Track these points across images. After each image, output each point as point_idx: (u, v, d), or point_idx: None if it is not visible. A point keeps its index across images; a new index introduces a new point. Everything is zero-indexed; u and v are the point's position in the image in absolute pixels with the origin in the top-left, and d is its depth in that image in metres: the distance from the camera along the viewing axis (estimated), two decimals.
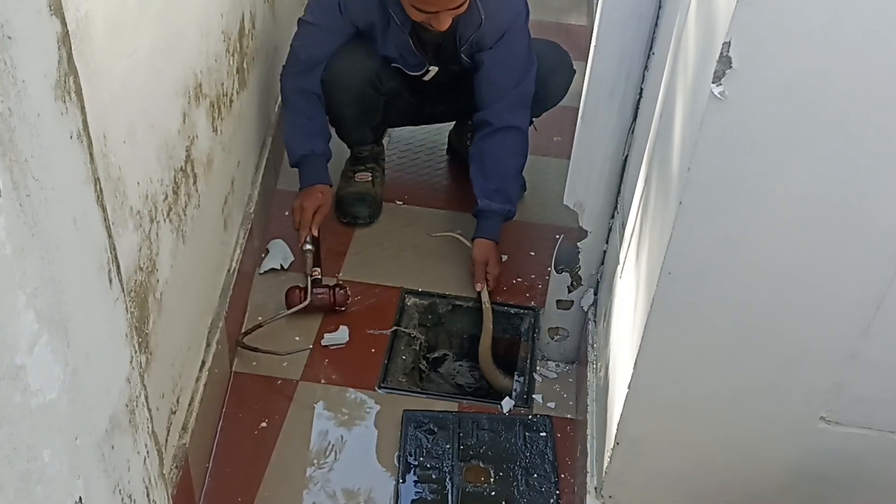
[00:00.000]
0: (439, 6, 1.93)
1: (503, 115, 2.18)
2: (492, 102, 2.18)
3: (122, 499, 0.97)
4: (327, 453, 1.82)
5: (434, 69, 2.21)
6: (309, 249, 2.15)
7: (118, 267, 0.94)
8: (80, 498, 0.84)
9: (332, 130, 2.36)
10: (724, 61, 0.95)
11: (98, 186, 0.86)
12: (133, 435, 1.00)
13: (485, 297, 2.13)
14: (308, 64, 2.21)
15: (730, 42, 0.94)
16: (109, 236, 0.90)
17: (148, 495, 1.06)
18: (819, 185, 1.04)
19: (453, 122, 2.60)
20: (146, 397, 1.05)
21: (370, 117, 2.33)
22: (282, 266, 2.22)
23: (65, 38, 0.77)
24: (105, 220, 0.89)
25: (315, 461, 1.80)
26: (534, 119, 2.35)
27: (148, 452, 1.06)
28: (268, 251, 2.25)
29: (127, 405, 0.98)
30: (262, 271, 2.20)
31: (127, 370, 0.98)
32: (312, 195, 2.22)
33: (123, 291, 0.96)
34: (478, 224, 2.24)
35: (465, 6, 1.98)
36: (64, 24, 0.77)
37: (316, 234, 2.19)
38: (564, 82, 2.32)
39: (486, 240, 2.21)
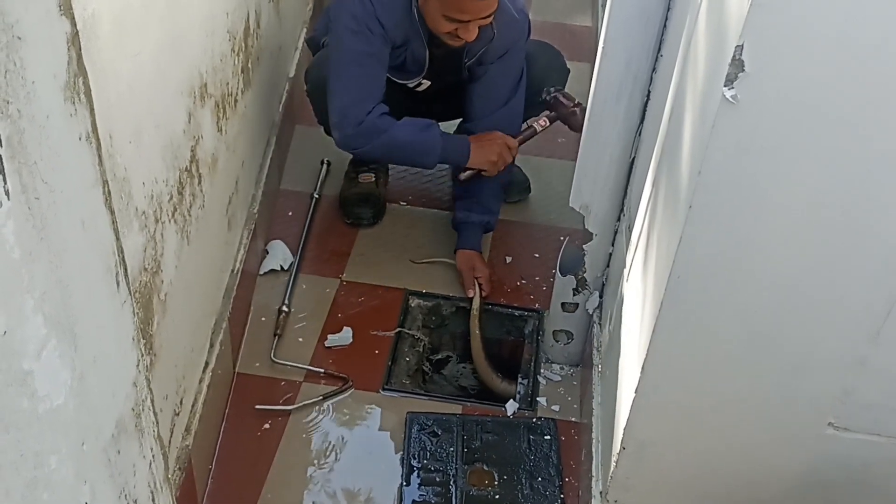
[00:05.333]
0: (473, 14, 1.90)
1: (491, 130, 2.16)
2: (482, 116, 2.17)
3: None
4: (329, 455, 1.81)
5: (426, 83, 2.19)
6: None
7: (125, 269, 0.93)
8: (87, 503, 0.83)
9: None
10: (737, 64, 0.94)
11: (106, 188, 0.86)
12: (139, 439, 0.99)
13: (475, 303, 2.12)
14: (371, 102, 2.04)
15: (743, 45, 0.93)
16: (117, 238, 0.90)
17: (153, 499, 1.05)
18: (830, 189, 1.03)
19: (458, 122, 2.58)
20: (152, 401, 1.05)
21: None
22: (281, 267, 2.20)
23: (74, 39, 0.76)
24: (113, 222, 0.88)
25: (317, 462, 1.80)
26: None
27: (153, 456, 1.05)
28: (267, 252, 2.24)
29: (133, 409, 0.97)
30: (261, 272, 2.19)
31: (133, 374, 0.97)
32: (493, 140, 2.13)
33: (130, 294, 0.95)
34: (458, 236, 2.24)
35: (491, 18, 1.96)
36: (73, 24, 0.76)
37: None
38: (558, 84, 2.28)
39: (467, 250, 2.21)
